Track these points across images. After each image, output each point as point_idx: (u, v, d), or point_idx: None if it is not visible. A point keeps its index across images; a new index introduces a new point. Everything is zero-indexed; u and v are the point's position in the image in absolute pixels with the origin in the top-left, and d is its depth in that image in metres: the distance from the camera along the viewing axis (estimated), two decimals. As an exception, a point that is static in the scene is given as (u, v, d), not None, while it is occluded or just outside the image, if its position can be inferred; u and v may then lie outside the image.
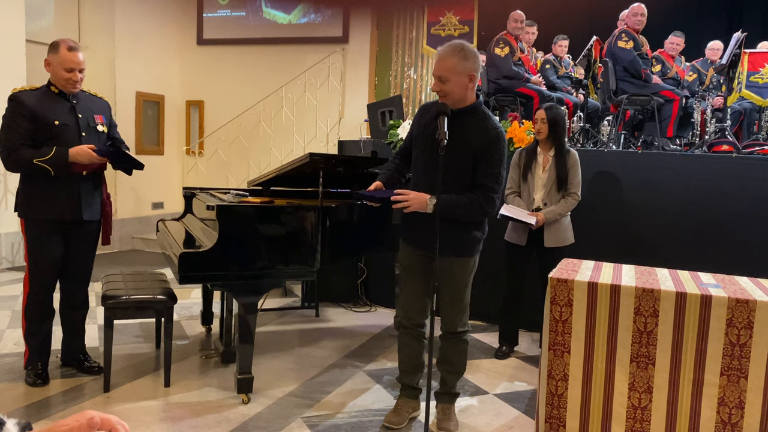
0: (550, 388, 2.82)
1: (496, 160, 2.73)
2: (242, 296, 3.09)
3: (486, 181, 2.72)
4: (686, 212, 4.28)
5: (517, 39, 6.00)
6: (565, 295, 2.76)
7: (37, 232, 3.17)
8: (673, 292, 2.60)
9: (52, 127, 3.11)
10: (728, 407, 2.57)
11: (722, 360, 2.55)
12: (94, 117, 3.27)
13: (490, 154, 2.72)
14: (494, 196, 2.74)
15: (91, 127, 3.24)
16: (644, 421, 2.69)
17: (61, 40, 3.19)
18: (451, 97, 2.70)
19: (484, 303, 4.18)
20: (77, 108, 3.22)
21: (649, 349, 2.65)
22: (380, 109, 5.56)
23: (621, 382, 2.71)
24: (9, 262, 6.22)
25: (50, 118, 3.11)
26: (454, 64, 2.66)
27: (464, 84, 2.69)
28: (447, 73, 2.67)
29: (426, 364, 2.94)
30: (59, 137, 3.11)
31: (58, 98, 3.20)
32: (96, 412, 0.89)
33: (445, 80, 2.68)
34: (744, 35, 5.10)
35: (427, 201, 2.67)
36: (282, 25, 8.47)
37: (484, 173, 2.73)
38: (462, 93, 2.71)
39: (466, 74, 2.67)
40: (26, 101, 3.11)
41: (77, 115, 3.20)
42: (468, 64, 2.67)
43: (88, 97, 3.34)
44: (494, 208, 2.79)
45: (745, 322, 2.51)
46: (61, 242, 3.22)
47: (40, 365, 3.26)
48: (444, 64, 2.68)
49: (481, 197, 2.71)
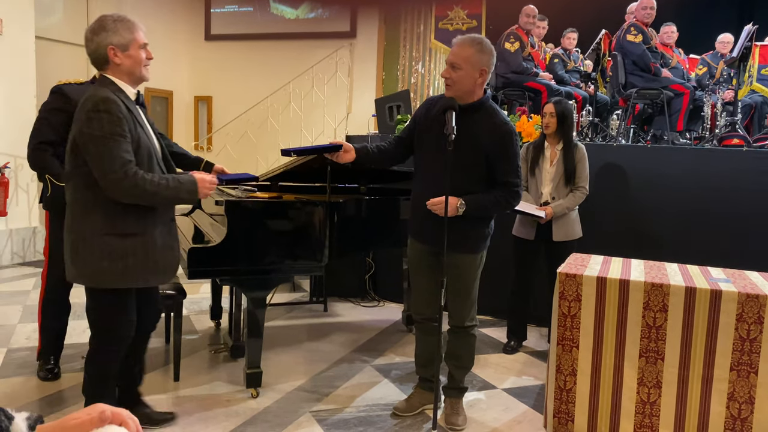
0: (559, 383, 2.82)
1: (513, 154, 2.75)
2: (251, 291, 3.10)
3: (509, 178, 2.75)
4: (696, 206, 4.25)
5: (528, 34, 5.97)
6: (573, 289, 2.76)
7: (59, 226, 3.15)
8: (683, 286, 2.59)
9: None
10: (738, 402, 2.56)
11: (732, 355, 2.54)
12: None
13: (506, 150, 2.73)
14: (519, 189, 2.79)
15: None
16: (653, 416, 2.68)
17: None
18: (458, 88, 2.69)
19: (492, 298, 4.17)
20: None
21: (658, 344, 2.64)
22: (388, 104, 5.56)
23: (630, 377, 2.70)
24: (20, 258, 6.27)
25: None
26: (470, 54, 2.66)
27: (474, 77, 2.68)
28: (460, 61, 2.67)
29: (441, 357, 2.96)
30: None
31: None
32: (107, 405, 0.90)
33: (457, 68, 2.67)
34: (755, 28, 5.06)
35: (457, 206, 2.67)
36: (289, 20, 8.47)
37: (504, 170, 2.74)
38: (470, 86, 2.70)
39: (478, 68, 2.67)
40: (71, 95, 3.03)
41: None
42: (483, 58, 2.67)
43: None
44: (519, 201, 2.85)
45: (756, 317, 2.50)
46: None
47: (52, 359, 3.29)
48: (459, 52, 2.68)
49: (506, 193, 2.76)
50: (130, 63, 2.36)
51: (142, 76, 2.43)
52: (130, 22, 2.37)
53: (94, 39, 2.33)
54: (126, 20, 2.36)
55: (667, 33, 6.16)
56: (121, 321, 2.44)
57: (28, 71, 6.22)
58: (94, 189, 2.29)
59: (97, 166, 2.24)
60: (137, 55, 2.37)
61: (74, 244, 2.35)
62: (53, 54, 6.92)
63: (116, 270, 2.32)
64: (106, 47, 2.32)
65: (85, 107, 2.27)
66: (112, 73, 2.37)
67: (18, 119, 6.12)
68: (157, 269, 2.43)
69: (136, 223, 2.35)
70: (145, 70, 2.42)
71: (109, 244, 2.30)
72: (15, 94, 6.11)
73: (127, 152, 2.26)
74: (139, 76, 2.42)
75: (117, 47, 2.33)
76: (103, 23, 2.33)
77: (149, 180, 2.29)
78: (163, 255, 2.44)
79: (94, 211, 2.31)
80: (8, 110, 6.05)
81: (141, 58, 2.39)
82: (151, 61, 2.46)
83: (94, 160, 2.24)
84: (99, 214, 2.30)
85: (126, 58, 2.35)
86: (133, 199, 2.30)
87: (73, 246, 2.35)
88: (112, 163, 2.23)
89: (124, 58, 2.34)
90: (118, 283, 2.35)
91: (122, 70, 2.36)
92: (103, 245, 2.30)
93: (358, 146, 2.88)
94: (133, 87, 2.43)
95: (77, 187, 2.35)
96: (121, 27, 2.33)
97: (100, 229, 2.31)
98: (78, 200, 2.35)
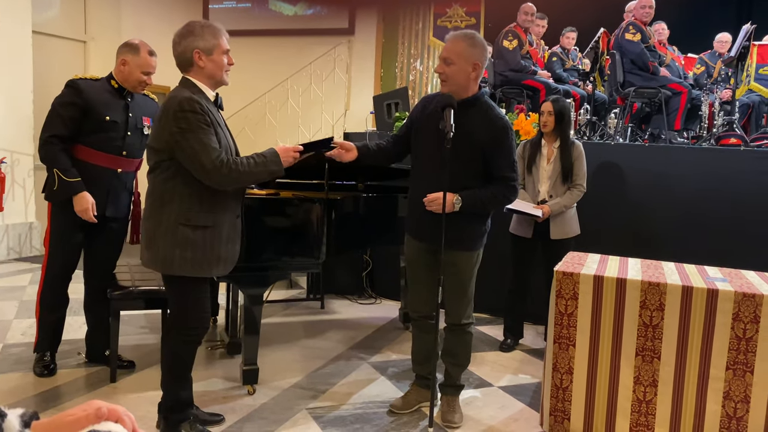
0: (555, 381, 2.82)
1: (509, 149, 2.76)
2: (248, 288, 3.10)
3: (505, 173, 2.75)
4: (693, 205, 4.26)
5: (527, 32, 5.97)
6: (570, 288, 2.76)
7: (61, 221, 3.16)
8: (680, 285, 2.59)
9: (102, 122, 3.10)
10: (734, 401, 2.56)
11: (728, 354, 2.55)
12: (142, 118, 3.27)
13: (502, 145, 2.74)
14: (516, 184, 2.80)
15: (138, 129, 3.23)
16: (649, 414, 2.69)
17: (141, 43, 3.16)
18: (453, 82, 2.71)
19: (489, 296, 4.17)
20: (130, 107, 3.22)
21: (655, 342, 2.65)
22: (386, 101, 5.55)
23: (626, 376, 2.70)
24: (16, 253, 6.25)
25: (102, 112, 3.10)
26: (462, 48, 2.68)
27: (467, 72, 2.69)
28: (452, 55, 2.69)
29: (438, 355, 2.97)
30: (105, 132, 3.11)
31: (115, 94, 3.18)
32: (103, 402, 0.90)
33: (450, 63, 2.69)
34: (753, 27, 5.06)
35: (453, 202, 2.68)
36: (287, 16, 8.46)
37: (501, 165, 2.75)
38: (464, 80, 2.71)
39: (471, 62, 2.68)
40: (85, 90, 3.09)
41: (128, 114, 3.20)
42: (475, 52, 2.68)
43: (143, 98, 3.34)
44: (516, 196, 2.85)
45: (752, 317, 2.50)
46: (82, 235, 3.21)
47: (48, 354, 3.29)
48: (451, 47, 2.71)
49: (503, 188, 2.76)
50: (213, 67, 2.48)
51: (223, 80, 2.55)
52: (216, 28, 2.49)
53: (182, 42, 2.45)
54: (212, 26, 2.49)
55: (658, 30, 6.16)
56: (192, 307, 2.54)
57: (25, 66, 6.20)
58: (172, 182, 2.42)
59: (194, 160, 2.36)
60: (220, 60, 2.49)
61: (150, 231, 2.48)
62: (50, 49, 6.90)
63: (186, 258, 2.44)
64: (192, 50, 2.44)
65: (170, 109, 2.37)
66: (195, 76, 2.49)
67: (15, 114, 6.11)
68: (220, 261, 2.54)
69: (207, 216, 2.46)
70: (225, 75, 2.55)
71: (182, 234, 2.42)
72: (12, 89, 6.09)
73: (216, 143, 2.41)
74: (219, 80, 2.54)
75: (202, 51, 2.45)
76: (191, 28, 2.46)
77: (240, 162, 2.43)
78: (227, 248, 2.55)
79: (171, 203, 2.43)
80: (5, 105, 6.03)
81: (223, 63, 2.51)
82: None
83: (189, 156, 2.36)
84: (175, 206, 2.43)
85: (209, 61, 2.47)
86: (232, 183, 2.44)
87: (148, 233, 2.48)
88: (208, 155, 2.35)
89: (207, 62, 2.46)
90: (186, 270, 2.46)
91: (205, 74, 2.48)
92: (177, 234, 2.42)
93: (359, 144, 2.90)
94: (213, 90, 2.54)
95: (157, 181, 2.47)
96: (207, 32, 2.46)
97: (175, 219, 2.42)
98: (157, 192, 2.46)
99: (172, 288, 2.56)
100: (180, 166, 2.41)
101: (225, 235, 2.54)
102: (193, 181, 2.41)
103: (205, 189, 2.44)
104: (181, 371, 2.62)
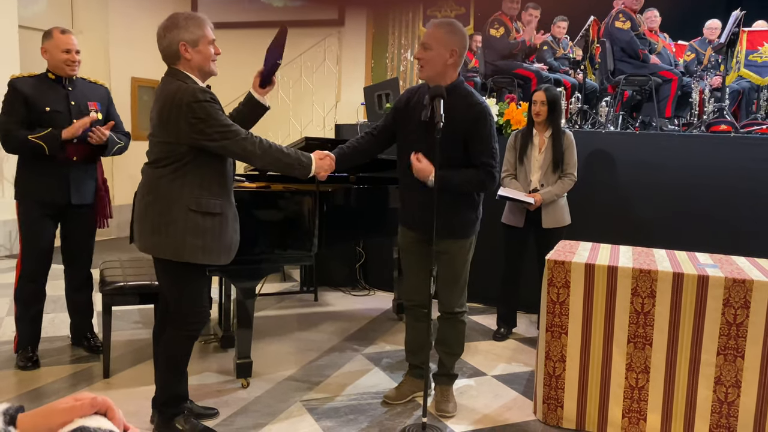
0: (548, 369, 2.84)
1: (488, 135, 2.74)
2: (240, 281, 3.09)
3: (483, 158, 2.73)
4: (684, 192, 4.27)
5: (512, 19, 5.95)
6: (562, 276, 2.77)
7: (28, 215, 3.25)
8: (671, 272, 2.61)
9: (42, 113, 3.17)
10: (725, 386, 2.58)
11: (719, 339, 2.57)
12: (87, 104, 3.30)
13: (480, 131, 2.72)
14: (493, 171, 2.76)
15: (83, 115, 3.26)
16: (641, 400, 2.70)
17: (53, 28, 3.27)
18: (430, 68, 2.71)
19: (482, 285, 4.18)
20: (71, 95, 3.27)
21: (647, 329, 2.66)
22: (377, 92, 5.53)
23: (618, 363, 2.72)
24: (7, 250, 6.21)
25: (41, 105, 3.18)
26: (441, 34, 2.70)
27: (444, 58, 2.69)
28: (431, 41, 2.70)
29: (431, 344, 2.97)
30: (49, 123, 3.17)
31: (54, 85, 3.26)
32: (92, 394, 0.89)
33: (428, 48, 2.71)
34: (743, 14, 5.06)
35: (428, 175, 2.66)
36: (277, 8, 8.39)
37: (479, 151, 2.73)
38: (441, 67, 2.70)
39: (448, 48, 2.68)
40: (20, 87, 3.19)
41: (70, 102, 3.25)
42: (453, 39, 2.69)
43: (86, 84, 3.39)
44: (495, 183, 2.83)
45: (742, 302, 2.52)
46: (52, 226, 3.31)
47: (30, 348, 3.33)
48: (431, 32, 2.73)
49: (481, 173, 2.74)
50: (200, 58, 2.46)
51: (211, 71, 2.53)
52: (200, 19, 2.47)
53: (167, 36, 2.42)
54: (196, 17, 2.47)
55: (650, 18, 6.16)
56: (191, 300, 2.55)
57: (12, 61, 6.12)
58: (182, 170, 2.41)
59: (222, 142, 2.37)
60: (206, 51, 2.47)
61: (157, 218, 2.45)
62: (37, 44, 6.80)
63: (196, 246, 2.44)
64: (178, 43, 2.41)
65: (181, 100, 2.34)
66: (183, 68, 2.46)
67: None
68: (228, 248, 2.56)
69: (215, 203, 2.47)
70: (213, 65, 2.53)
71: (193, 221, 2.42)
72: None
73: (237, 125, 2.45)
74: (208, 71, 2.52)
75: (188, 43, 2.42)
76: (175, 20, 2.42)
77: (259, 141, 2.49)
78: (232, 236, 2.58)
79: (182, 192, 2.42)
80: (-8, 101, 5.96)
81: (210, 54, 2.49)
82: (138, 50, 2.50)
83: (214, 140, 2.36)
84: (185, 194, 2.42)
85: (196, 53, 2.45)
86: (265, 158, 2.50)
87: (155, 221, 2.45)
88: (236, 134, 2.40)
89: (194, 54, 2.44)
90: (196, 258, 2.46)
91: (192, 66, 2.46)
92: (188, 221, 2.42)
93: (335, 152, 2.82)
94: (203, 81, 2.52)
95: (165, 171, 2.43)
96: (192, 23, 2.43)
97: (185, 206, 2.42)
98: (164, 181, 2.44)
99: (173, 278, 2.53)
100: (191, 155, 2.39)
101: (231, 222, 2.55)
102: (203, 169, 2.42)
103: (213, 176, 2.45)
104: (178, 366, 2.62)
